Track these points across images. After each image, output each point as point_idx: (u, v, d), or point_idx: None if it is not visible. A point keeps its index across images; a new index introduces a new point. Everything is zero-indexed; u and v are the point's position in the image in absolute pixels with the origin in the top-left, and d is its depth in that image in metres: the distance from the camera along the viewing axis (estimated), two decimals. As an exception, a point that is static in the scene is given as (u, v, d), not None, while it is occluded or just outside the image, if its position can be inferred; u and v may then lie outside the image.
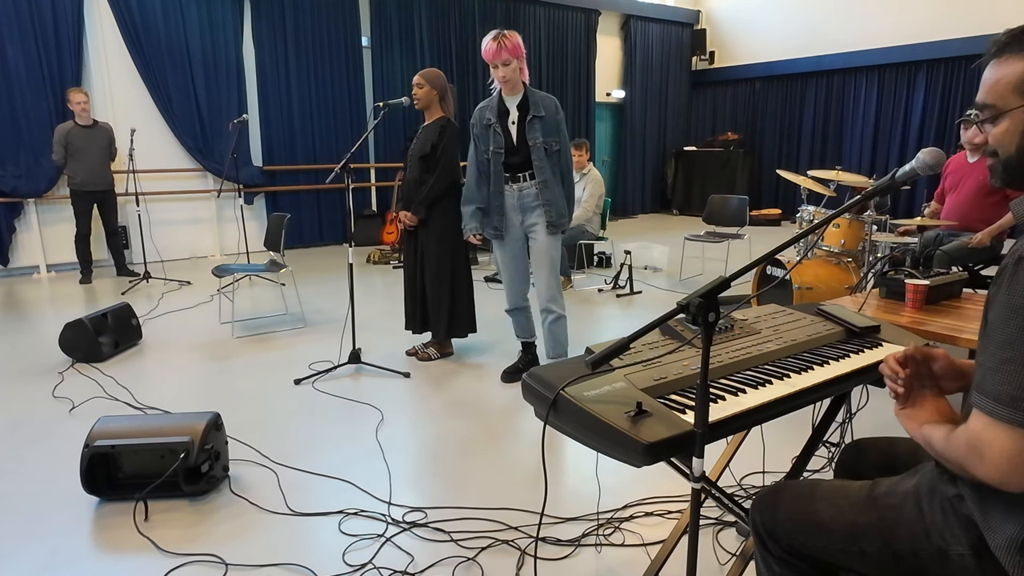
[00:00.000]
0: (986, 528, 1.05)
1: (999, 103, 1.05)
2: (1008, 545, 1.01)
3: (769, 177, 11.21)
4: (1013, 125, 1.04)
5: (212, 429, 2.47)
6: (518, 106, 3.33)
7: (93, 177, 6.19)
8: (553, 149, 3.34)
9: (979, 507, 1.07)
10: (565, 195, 3.44)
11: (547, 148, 3.30)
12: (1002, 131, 1.06)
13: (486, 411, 3.26)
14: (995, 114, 1.06)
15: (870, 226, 4.36)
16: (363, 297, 5.73)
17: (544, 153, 3.31)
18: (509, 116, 3.35)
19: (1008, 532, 1.01)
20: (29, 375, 3.80)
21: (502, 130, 3.35)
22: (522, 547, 2.12)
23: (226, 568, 2.04)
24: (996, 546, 1.03)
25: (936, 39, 9.00)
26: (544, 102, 3.33)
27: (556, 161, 3.38)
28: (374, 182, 9.00)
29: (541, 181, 3.32)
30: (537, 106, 3.30)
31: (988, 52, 1.07)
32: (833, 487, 1.27)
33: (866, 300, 2.80)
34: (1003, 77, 1.04)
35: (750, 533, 1.33)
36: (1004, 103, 1.04)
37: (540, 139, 3.28)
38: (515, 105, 3.34)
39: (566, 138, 3.41)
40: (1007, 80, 1.03)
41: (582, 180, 5.97)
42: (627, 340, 1.23)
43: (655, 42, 11.64)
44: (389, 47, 8.77)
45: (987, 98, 1.07)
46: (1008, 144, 1.05)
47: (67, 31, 6.68)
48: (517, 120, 3.34)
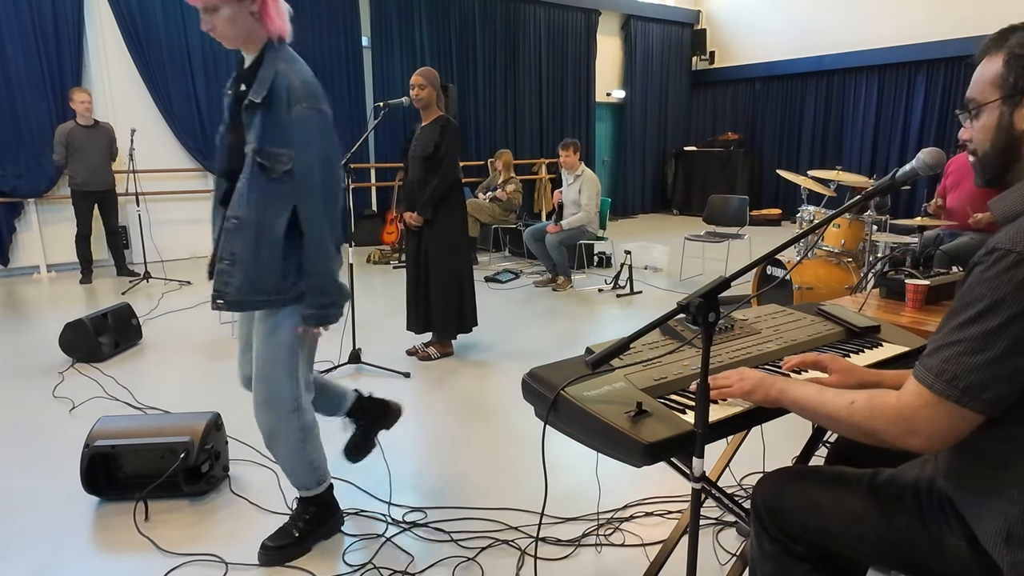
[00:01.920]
0: (973, 522, 1.09)
1: (979, 97, 1.10)
2: (994, 538, 1.04)
3: (769, 177, 11.21)
4: (990, 119, 1.08)
5: (212, 429, 2.47)
6: (243, 76, 1.92)
7: (94, 177, 6.19)
8: (275, 166, 1.84)
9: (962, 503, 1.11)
10: (273, 261, 1.88)
11: (262, 162, 1.84)
12: (981, 126, 1.10)
13: (486, 411, 3.26)
14: (976, 108, 1.10)
15: (870, 226, 4.36)
16: (363, 297, 5.73)
17: (255, 169, 1.84)
18: None
19: (993, 526, 1.04)
20: (29, 375, 3.80)
21: (228, 112, 1.96)
22: (522, 547, 2.12)
23: (226, 568, 2.04)
24: (984, 540, 1.07)
25: (936, 39, 8.99)
26: (283, 78, 1.83)
27: (276, 189, 1.85)
28: (374, 182, 9.00)
29: (233, 220, 1.87)
30: (263, 83, 1.83)
31: (979, 52, 1.11)
32: (835, 474, 1.29)
33: (866, 300, 2.80)
34: (984, 73, 1.09)
35: (750, 531, 1.34)
36: (983, 96, 1.09)
37: (254, 144, 1.84)
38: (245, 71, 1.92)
39: (328, 152, 1.87)
40: (987, 75, 1.08)
41: (576, 182, 5.93)
42: (627, 340, 1.23)
43: (655, 42, 11.64)
44: (389, 47, 8.77)
45: (971, 93, 1.12)
46: (984, 139, 1.10)
47: (67, 31, 6.68)
48: (231, 100, 1.94)
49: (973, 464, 1.08)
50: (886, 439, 1.06)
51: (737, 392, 1.26)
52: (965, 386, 0.98)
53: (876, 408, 1.07)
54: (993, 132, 1.08)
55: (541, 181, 10.21)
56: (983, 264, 0.99)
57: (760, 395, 1.23)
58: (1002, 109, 1.06)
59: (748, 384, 1.25)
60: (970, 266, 1.03)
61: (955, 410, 0.99)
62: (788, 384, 1.22)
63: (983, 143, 1.10)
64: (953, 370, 0.99)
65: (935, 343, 1.04)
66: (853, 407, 1.10)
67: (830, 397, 1.15)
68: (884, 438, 1.07)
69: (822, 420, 1.17)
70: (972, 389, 0.98)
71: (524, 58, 10.08)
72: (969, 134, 1.13)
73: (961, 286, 1.03)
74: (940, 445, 1.03)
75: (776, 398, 1.22)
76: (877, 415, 1.07)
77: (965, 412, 0.99)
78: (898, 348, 1.62)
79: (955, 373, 0.99)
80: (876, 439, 1.08)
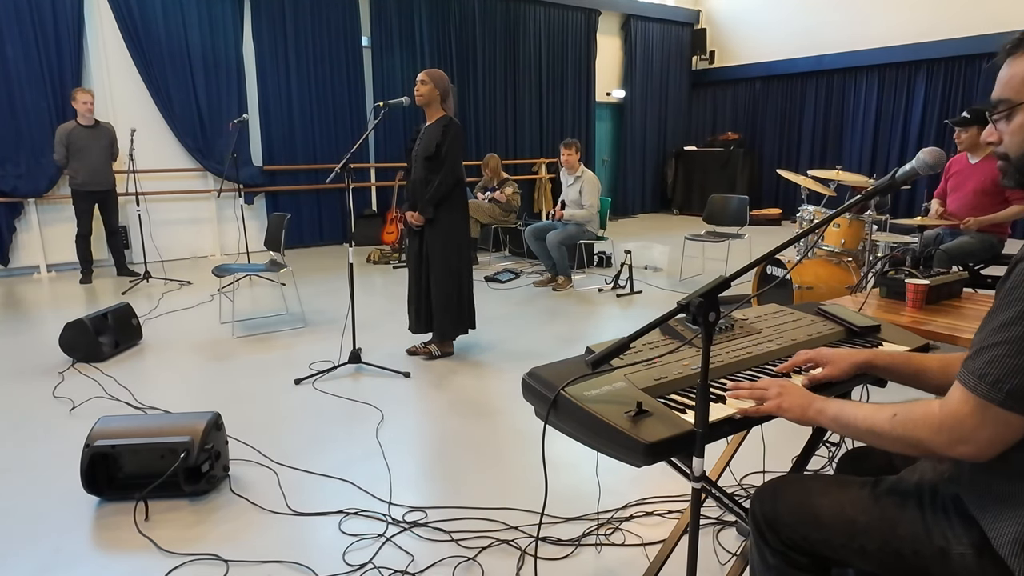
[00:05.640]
0: (989, 528, 1.05)
1: (1014, 96, 1.05)
2: (1012, 544, 1.01)
3: (769, 177, 11.21)
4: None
5: (212, 429, 2.47)
6: None
7: (95, 177, 6.19)
8: None
9: (979, 508, 1.07)
10: None
11: None
12: (1016, 127, 1.05)
13: (486, 411, 3.26)
14: (1009, 107, 1.05)
15: (870, 226, 4.36)
16: (363, 297, 5.73)
17: None
18: None
19: (1012, 531, 1.01)
20: (29, 375, 3.80)
21: None
22: (522, 547, 2.12)
23: (227, 567, 2.04)
24: (1000, 546, 1.03)
25: (936, 39, 8.99)
26: None
27: None
28: (374, 182, 9.00)
29: None
30: None
31: (1003, 51, 1.07)
32: (835, 482, 1.27)
33: (866, 300, 2.80)
34: (1018, 72, 1.04)
35: (751, 543, 1.33)
36: (1019, 96, 1.04)
37: None
38: None
39: None
40: (1021, 74, 1.03)
41: (576, 183, 5.92)
42: (627, 340, 1.23)
43: (655, 42, 11.64)
44: (389, 47, 8.77)
45: (1003, 93, 1.07)
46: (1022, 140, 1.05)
47: (67, 31, 6.68)
48: None
49: (995, 470, 1.04)
50: (933, 449, 1.02)
51: (772, 407, 1.22)
52: (1010, 389, 0.94)
53: (919, 418, 1.02)
54: None
55: (541, 181, 10.21)
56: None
57: (795, 414, 1.20)
58: None
59: (787, 402, 1.21)
60: (1012, 263, 1.00)
61: (1001, 414, 0.95)
62: (827, 403, 1.18)
63: (1020, 144, 1.05)
64: (997, 373, 0.95)
65: (977, 344, 1.00)
66: (895, 420, 1.06)
67: (870, 412, 1.10)
68: (931, 448, 1.02)
69: (864, 437, 1.12)
70: (1017, 392, 0.93)
71: (524, 58, 10.08)
72: (997, 136, 1.09)
73: (1003, 284, 1.00)
74: (990, 452, 0.98)
75: (813, 418, 1.18)
76: (921, 425, 1.02)
77: (1012, 416, 0.95)
78: (898, 347, 1.62)
79: (999, 376, 0.95)
80: (922, 450, 1.04)
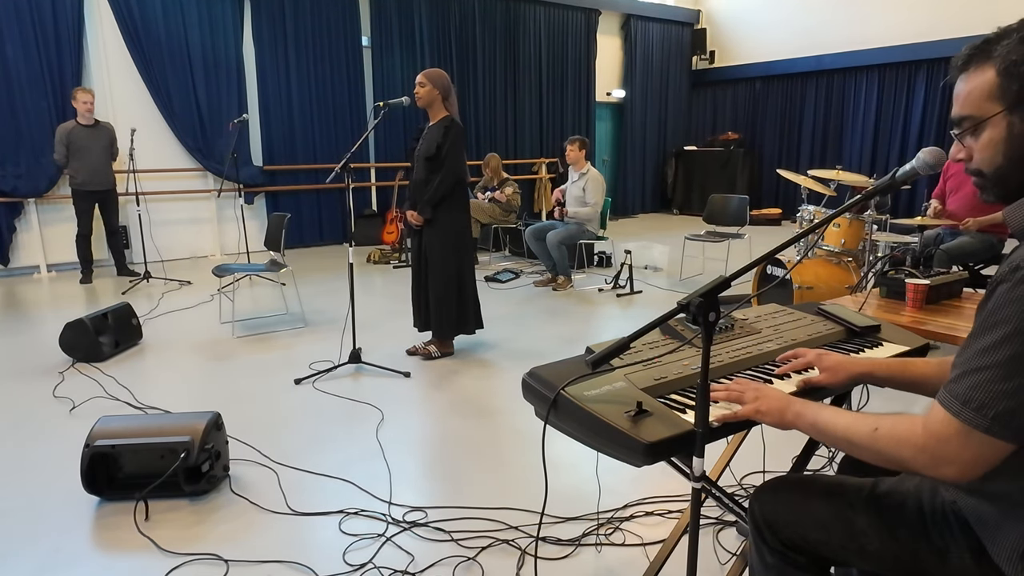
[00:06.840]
0: (987, 538, 1.05)
1: (976, 112, 1.02)
2: (1010, 555, 1.01)
3: (769, 177, 11.21)
4: (996, 133, 1.01)
5: (212, 429, 2.47)
6: None
7: (95, 177, 6.19)
8: None
9: (977, 518, 1.07)
10: None
11: None
12: (985, 142, 1.03)
13: (486, 411, 3.26)
14: (974, 124, 1.03)
15: (870, 226, 4.36)
16: (363, 297, 5.73)
17: None
18: None
19: (1010, 541, 1.01)
20: (29, 375, 3.80)
21: None
22: (522, 547, 2.12)
23: (227, 567, 2.04)
24: (998, 555, 1.03)
25: (936, 39, 8.99)
26: None
27: None
28: (374, 182, 9.00)
29: None
30: None
31: (955, 67, 1.05)
32: (834, 483, 1.27)
33: (866, 300, 2.80)
34: (975, 87, 1.02)
35: (749, 543, 1.33)
36: (981, 111, 1.02)
37: None
38: None
39: None
40: (980, 89, 1.01)
41: (581, 180, 5.90)
42: (627, 340, 1.23)
43: (655, 42, 11.63)
44: (389, 47, 8.77)
45: (964, 110, 1.04)
46: (995, 154, 1.02)
47: (67, 31, 6.68)
48: None
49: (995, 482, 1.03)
50: (915, 468, 1.01)
51: (750, 412, 1.20)
52: (995, 415, 0.93)
53: (902, 437, 1.02)
54: (1004, 145, 1.00)
55: (541, 181, 10.21)
56: (1008, 283, 0.94)
57: (774, 418, 1.18)
58: (1010, 119, 0.99)
59: (764, 405, 1.20)
60: (992, 284, 0.97)
61: (985, 440, 0.94)
62: (804, 407, 1.16)
63: (992, 159, 1.02)
64: (981, 398, 0.94)
65: (960, 367, 0.98)
66: (877, 434, 1.04)
67: (850, 422, 1.09)
68: (912, 467, 1.01)
69: (842, 446, 1.11)
70: (1002, 418, 0.92)
71: (524, 58, 10.08)
72: (967, 152, 1.06)
73: (984, 305, 0.98)
74: (973, 474, 0.97)
75: (791, 422, 1.17)
76: (904, 444, 1.01)
77: (996, 441, 0.94)
78: (898, 347, 1.62)
79: (983, 401, 0.93)
80: (903, 468, 1.03)
